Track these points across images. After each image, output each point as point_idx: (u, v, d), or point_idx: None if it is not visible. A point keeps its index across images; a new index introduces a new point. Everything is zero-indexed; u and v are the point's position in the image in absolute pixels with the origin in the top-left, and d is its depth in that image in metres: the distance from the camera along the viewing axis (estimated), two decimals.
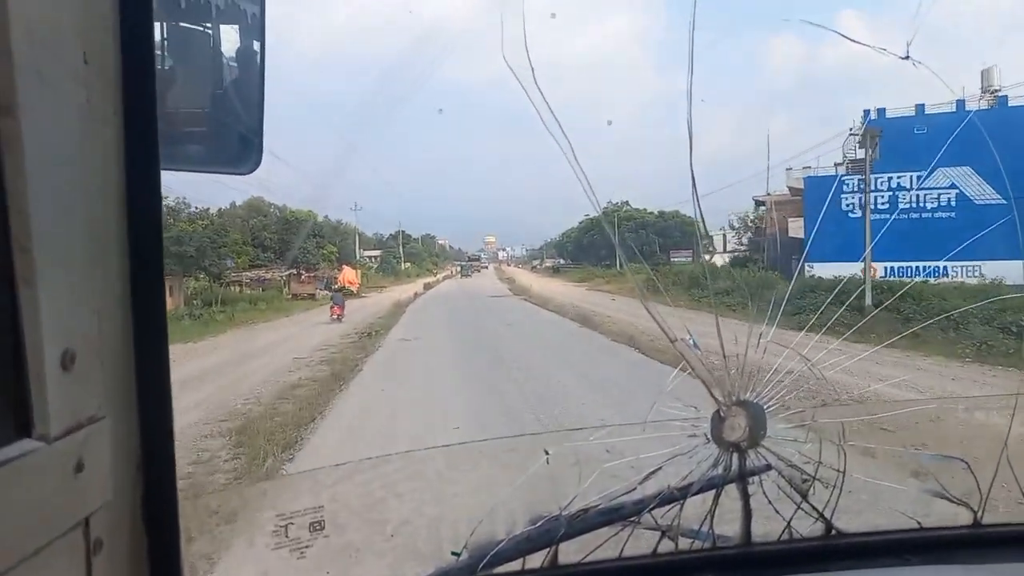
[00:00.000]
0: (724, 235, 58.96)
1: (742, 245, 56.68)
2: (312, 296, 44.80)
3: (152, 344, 0.82)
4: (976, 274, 28.98)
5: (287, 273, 47.27)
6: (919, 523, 1.61)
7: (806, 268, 28.39)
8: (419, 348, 19.98)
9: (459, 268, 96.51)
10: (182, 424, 10.19)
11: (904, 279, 28.59)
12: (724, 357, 1.67)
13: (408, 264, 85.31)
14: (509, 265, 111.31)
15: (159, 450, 0.84)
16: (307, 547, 1.57)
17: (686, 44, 1.60)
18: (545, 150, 1.53)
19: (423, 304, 39.13)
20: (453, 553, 1.53)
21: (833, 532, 1.60)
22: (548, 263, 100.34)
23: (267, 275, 46.84)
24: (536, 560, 1.48)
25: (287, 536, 1.55)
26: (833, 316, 2.10)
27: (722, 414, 1.63)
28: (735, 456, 1.63)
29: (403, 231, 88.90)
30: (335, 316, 30.40)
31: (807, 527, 1.60)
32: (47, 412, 0.67)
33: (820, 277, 23.02)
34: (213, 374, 15.76)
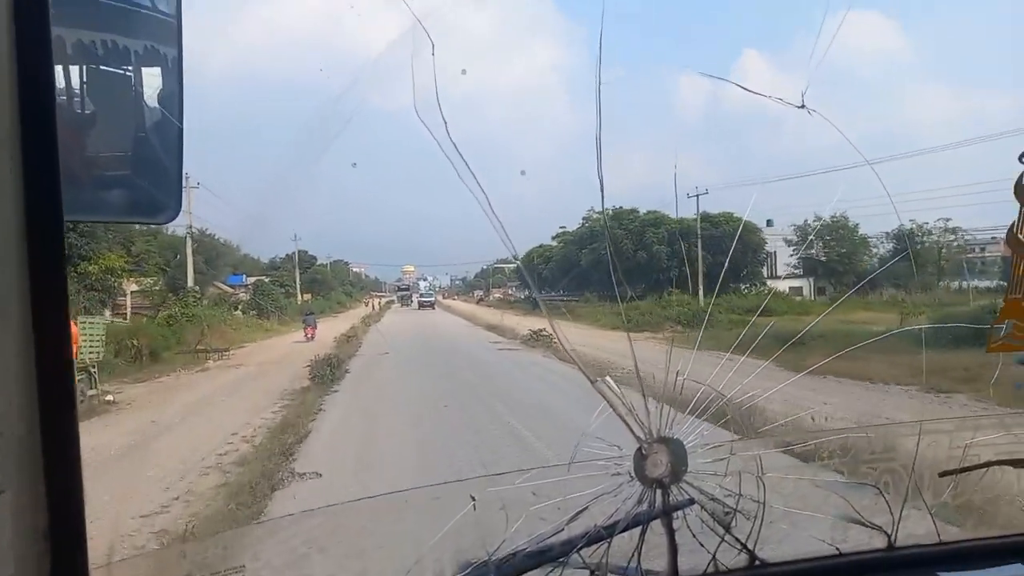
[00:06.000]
0: (774, 253, 46.11)
1: (797, 269, 45.47)
2: None
3: (59, 414, 0.79)
4: None
5: None
6: (838, 549, 1.66)
7: None
8: None
9: (396, 298, 79.19)
10: None
11: None
12: (643, 396, 1.69)
13: (308, 296, 56.56)
14: (445, 297, 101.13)
15: (68, 521, 0.80)
16: None
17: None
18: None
19: None
20: None
21: (757, 563, 1.63)
22: (496, 294, 77.23)
23: None
24: None
25: None
26: None
27: (644, 451, 1.65)
28: (659, 492, 1.65)
29: (301, 250, 60.08)
30: (308, 337, 28.69)
31: (732, 559, 1.62)
32: None
33: None
34: None
